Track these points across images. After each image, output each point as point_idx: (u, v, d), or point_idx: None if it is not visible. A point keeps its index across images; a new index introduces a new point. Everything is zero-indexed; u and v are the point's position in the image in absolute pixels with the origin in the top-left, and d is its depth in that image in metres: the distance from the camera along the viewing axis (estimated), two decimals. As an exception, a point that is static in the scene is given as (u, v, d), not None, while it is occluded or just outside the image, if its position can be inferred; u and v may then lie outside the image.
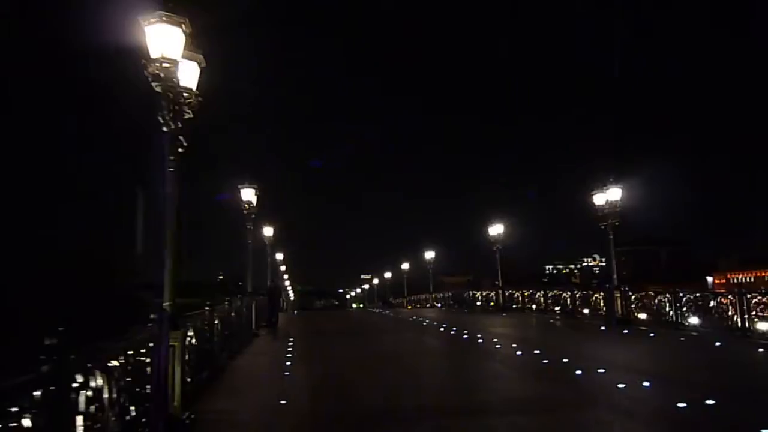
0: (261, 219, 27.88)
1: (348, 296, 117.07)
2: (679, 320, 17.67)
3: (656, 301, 18.79)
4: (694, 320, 17.22)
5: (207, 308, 10.45)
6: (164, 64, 6.91)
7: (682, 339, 15.67)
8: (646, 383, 9.09)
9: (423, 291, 51.66)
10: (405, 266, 58.19)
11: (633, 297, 19.99)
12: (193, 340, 8.88)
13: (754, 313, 15.11)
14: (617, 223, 20.79)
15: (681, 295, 17.70)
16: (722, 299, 16.09)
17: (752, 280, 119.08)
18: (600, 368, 10.49)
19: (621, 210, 20.77)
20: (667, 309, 18.24)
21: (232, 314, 13.88)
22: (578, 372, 10.28)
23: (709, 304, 16.66)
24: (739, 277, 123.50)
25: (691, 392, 8.38)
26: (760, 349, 13.07)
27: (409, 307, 49.72)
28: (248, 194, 18.59)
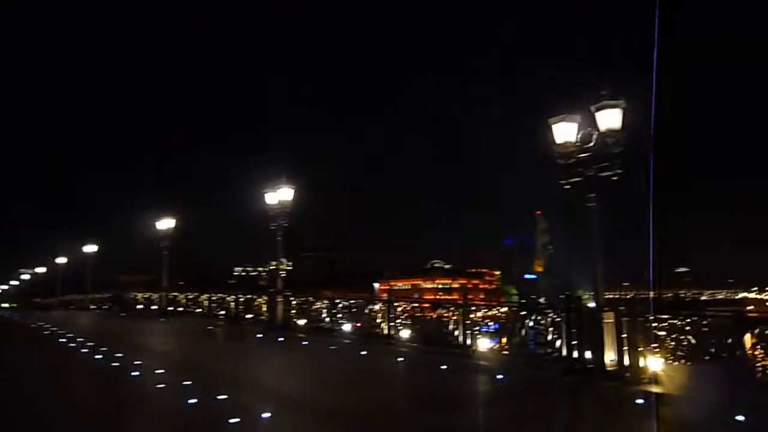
0: None
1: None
2: (335, 327, 17.22)
3: (315, 307, 18.12)
4: (348, 327, 16.93)
5: None
6: None
7: (332, 348, 15.02)
8: (266, 414, 7.42)
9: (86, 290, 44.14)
10: (61, 260, 49.44)
11: (294, 303, 19.06)
12: None
13: (399, 321, 15.29)
14: (286, 224, 19.70)
15: (337, 301, 17.33)
16: (373, 307, 16.02)
17: (410, 287, 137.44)
18: (222, 395, 8.51)
19: (292, 211, 19.73)
20: (324, 315, 17.69)
21: None
22: (192, 401, 8.13)
23: (363, 311, 16.51)
24: (400, 284, 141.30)
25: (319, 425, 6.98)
26: (400, 358, 12.94)
27: (62, 309, 41.99)
28: None
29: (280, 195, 19.86)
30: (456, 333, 13.61)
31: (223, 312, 23.91)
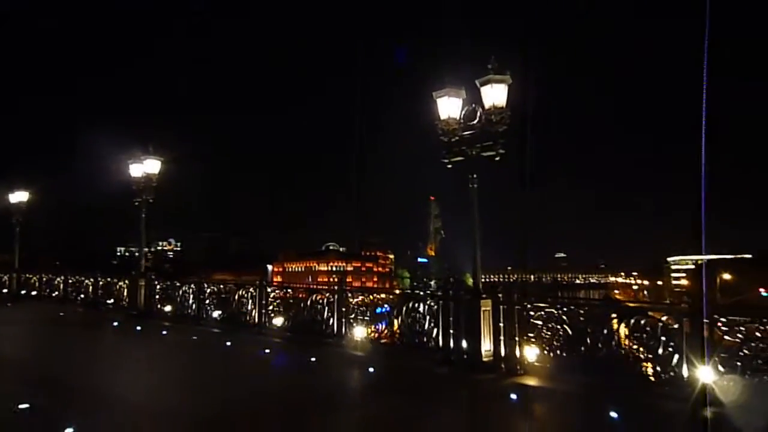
0: None
1: None
2: (202, 314, 15.65)
3: (181, 292, 16.39)
4: (216, 314, 15.41)
5: None
6: None
7: (194, 338, 13.55)
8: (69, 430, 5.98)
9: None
10: None
11: (159, 287, 17.20)
12: None
13: (271, 307, 14.03)
14: (151, 200, 17.77)
15: (205, 286, 15.73)
16: (243, 291, 14.62)
17: (303, 269, 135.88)
18: (24, 403, 6.92)
19: (157, 185, 17.81)
20: (191, 301, 16.04)
21: None
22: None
23: (234, 296, 15.03)
24: (294, 267, 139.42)
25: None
26: (266, 350, 11.72)
27: None
28: None
29: (145, 167, 17.88)
30: (331, 321, 12.59)
31: (81, 296, 21.43)
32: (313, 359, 10.71)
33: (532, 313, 9.49)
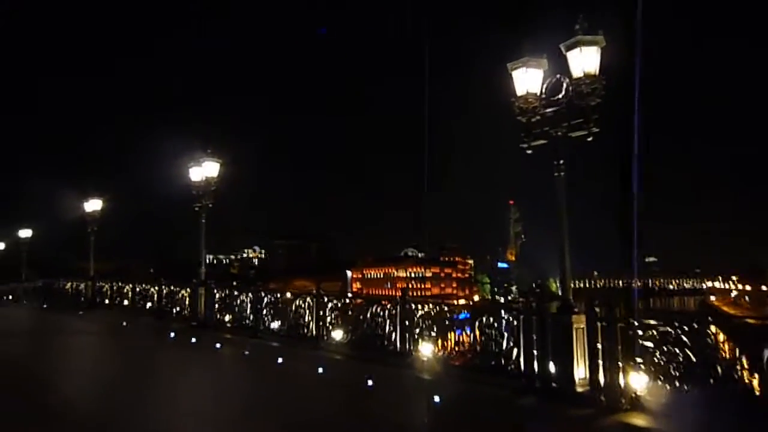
0: None
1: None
2: (259, 325, 14.53)
3: (239, 301, 15.37)
4: (275, 324, 14.27)
5: None
6: None
7: (246, 353, 12.35)
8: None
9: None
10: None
11: (218, 296, 16.29)
12: None
13: (329, 319, 12.66)
14: (211, 205, 16.94)
15: (262, 296, 14.60)
16: (300, 301, 13.34)
17: (381, 275, 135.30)
18: None
19: (216, 189, 16.96)
20: (248, 311, 14.96)
21: None
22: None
23: (291, 307, 13.80)
24: (372, 273, 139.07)
25: None
26: (321, 369, 10.27)
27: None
28: None
29: (205, 170, 17.08)
30: (393, 336, 11.01)
31: (149, 305, 21.06)
32: (370, 382, 9.16)
33: (640, 332, 7.49)
